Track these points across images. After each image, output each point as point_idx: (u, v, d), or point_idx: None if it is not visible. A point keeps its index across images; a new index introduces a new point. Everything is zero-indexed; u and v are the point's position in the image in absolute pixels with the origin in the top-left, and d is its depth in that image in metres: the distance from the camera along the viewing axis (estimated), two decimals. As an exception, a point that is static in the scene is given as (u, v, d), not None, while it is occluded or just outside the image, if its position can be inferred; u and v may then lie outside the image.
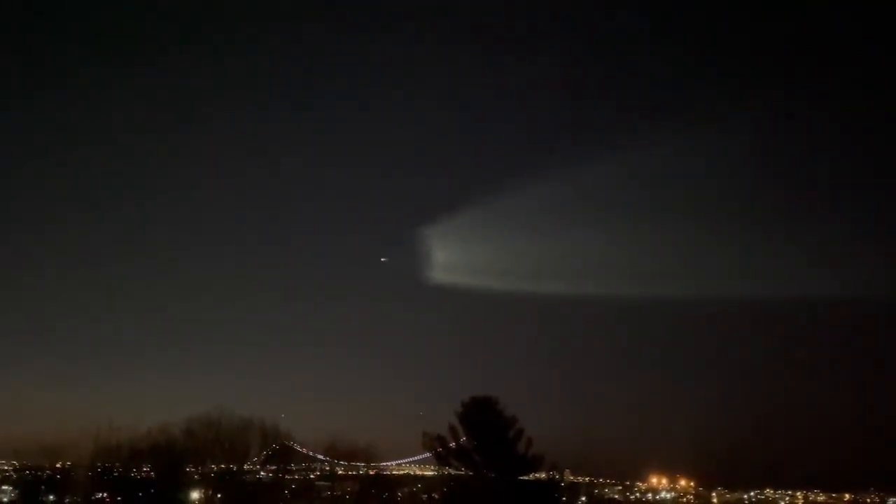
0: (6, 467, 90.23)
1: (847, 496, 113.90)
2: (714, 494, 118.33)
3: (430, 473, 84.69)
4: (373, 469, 77.74)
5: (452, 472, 51.98)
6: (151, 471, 64.37)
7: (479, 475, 49.48)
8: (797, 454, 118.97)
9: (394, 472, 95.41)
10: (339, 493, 73.65)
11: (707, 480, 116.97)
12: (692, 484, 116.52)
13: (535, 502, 51.25)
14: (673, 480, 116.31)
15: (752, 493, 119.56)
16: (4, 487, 77.98)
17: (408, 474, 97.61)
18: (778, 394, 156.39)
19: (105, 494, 63.27)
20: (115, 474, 63.59)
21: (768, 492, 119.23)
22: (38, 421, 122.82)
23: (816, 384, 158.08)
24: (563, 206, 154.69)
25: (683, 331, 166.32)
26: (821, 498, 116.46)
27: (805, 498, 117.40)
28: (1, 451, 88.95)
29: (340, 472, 75.21)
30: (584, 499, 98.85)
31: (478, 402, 50.58)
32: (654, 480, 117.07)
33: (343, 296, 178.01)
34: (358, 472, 75.41)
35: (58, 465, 71.83)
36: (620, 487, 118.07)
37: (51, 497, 69.75)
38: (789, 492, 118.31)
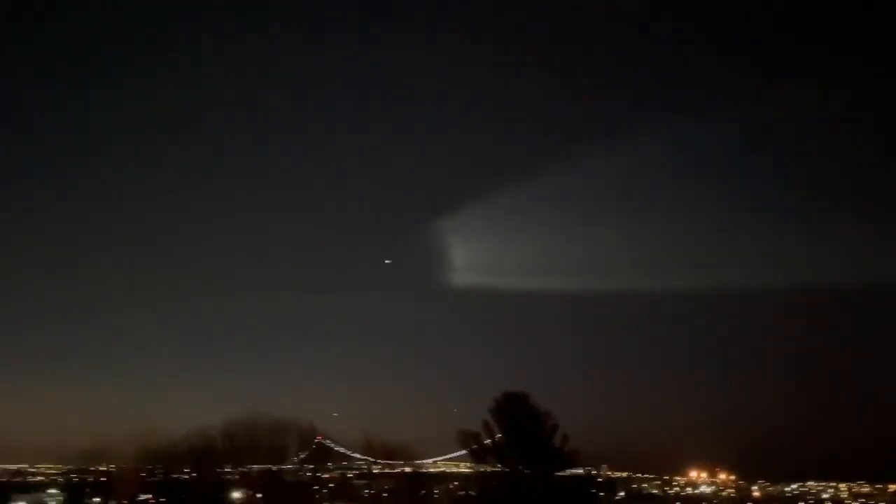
0: (53, 471, 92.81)
1: (893, 487, 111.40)
2: (755, 487, 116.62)
3: (466, 470, 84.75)
4: (409, 467, 78.25)
5: (488, 468, 52.03)
6: (191, 472, 65.56)
7: (515, 471, 49.46)
8: (841, 445, 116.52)
9: (430, 470, 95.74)
10: (377, 491, 74.20)
11: (747, 473, 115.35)
12: (732, 477, 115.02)
13: (572, 498, 51.13)
14: (712, 474, 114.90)
15: (794, 486, 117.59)
16: (51, 491, 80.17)
17: (444, 472, 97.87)
18: (821, 384, 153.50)
19: (150, 497, 64.52)
20: (157, 477, 64.89)
21: (811, 484, 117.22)
22: (79, 425, 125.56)
23: (862, 374, 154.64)
24: (587, 199, 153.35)
25: (722, 322, 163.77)
26: (865, 489, 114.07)
27: (849, 490, 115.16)
28: (46, 455, 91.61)
29: (377, 470, 75.72)
30: (622, 494, 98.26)
31: (511, 398, 50.46)
32: (693, 474, 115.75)
33: (372, 294, 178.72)
34: (394, 470, 75.93)
35: (101, 469, 73.62)
36: (659, 482, 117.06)
37: (96, 500, 71.48)
38: (833, 484, 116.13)
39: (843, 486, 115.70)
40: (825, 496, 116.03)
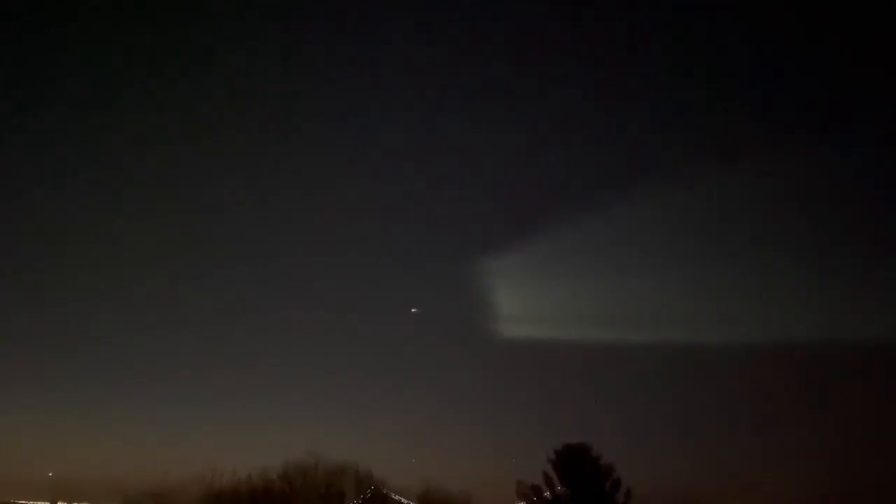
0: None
1: None
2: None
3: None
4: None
5: (548, 522, 50.94)
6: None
7: (575, 526, 48.36)
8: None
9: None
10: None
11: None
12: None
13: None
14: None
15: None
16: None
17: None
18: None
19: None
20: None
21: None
22: (143, 465, 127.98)
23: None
24: (645, 245, 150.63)
25: (807, 377, 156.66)
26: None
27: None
28: (110, 496, 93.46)
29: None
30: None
31: (572, 450, 49.68)
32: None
33: (427, 343, 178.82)
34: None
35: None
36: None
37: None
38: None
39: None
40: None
